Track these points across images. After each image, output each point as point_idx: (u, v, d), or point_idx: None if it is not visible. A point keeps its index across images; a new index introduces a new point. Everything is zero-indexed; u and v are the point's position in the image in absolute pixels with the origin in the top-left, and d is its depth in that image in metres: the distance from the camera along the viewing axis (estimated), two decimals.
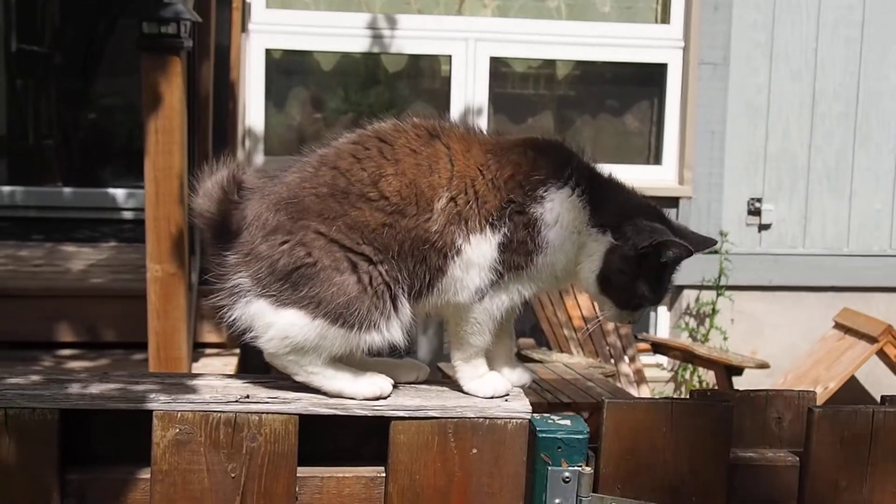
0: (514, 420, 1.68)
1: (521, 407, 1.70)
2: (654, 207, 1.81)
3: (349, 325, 1.65)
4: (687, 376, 6.66)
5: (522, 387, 1.83)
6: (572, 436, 1.72)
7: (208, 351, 4.74)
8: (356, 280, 1.66)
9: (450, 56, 6.57)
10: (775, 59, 6.62)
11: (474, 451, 1.67)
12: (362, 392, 1.68)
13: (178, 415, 1.61)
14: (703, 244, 1.82)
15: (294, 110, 6.75)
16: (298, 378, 1.70)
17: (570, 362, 5.47)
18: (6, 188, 6.28)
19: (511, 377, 1.82)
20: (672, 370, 6.80)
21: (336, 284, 1.65)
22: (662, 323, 6.95)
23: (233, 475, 1.63)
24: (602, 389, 4.78)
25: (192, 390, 1.66)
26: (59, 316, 4.60)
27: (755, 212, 6.68)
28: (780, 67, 6.61)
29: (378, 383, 1.70)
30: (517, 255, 1.72)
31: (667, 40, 6.68)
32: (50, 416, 1.60)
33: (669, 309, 6.88)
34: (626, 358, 6.10)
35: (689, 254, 1.73)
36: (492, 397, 1.74)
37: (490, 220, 1.71)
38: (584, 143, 1.83)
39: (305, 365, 1.69)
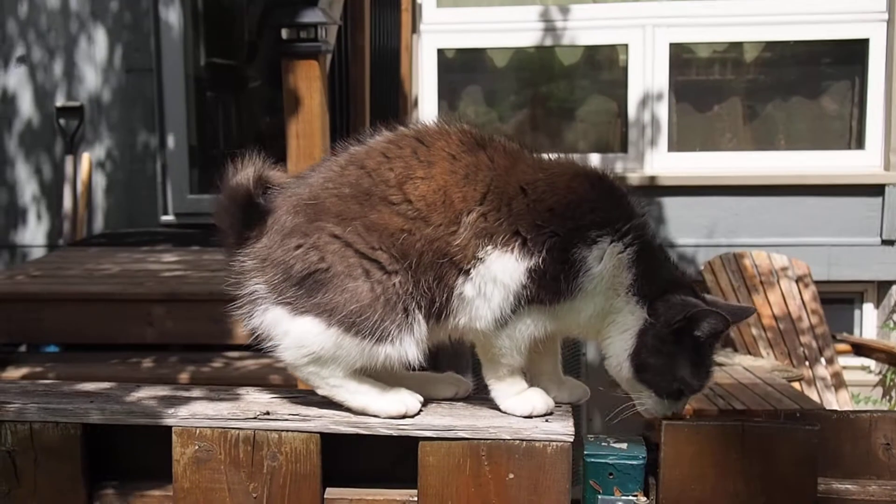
0: (554, 443, 1.51)
1: (562, 428, 1.53)
2: (690, 283, 1.65)
3: (363, 335, 1.54)
4: None
5: (575, 403, 1.65)
6: (626, 461, 1.54)
7: None
8: (369, 288, 1.54)
9: (626, 45, 6.32)
10: None
11: (511, 476, 1.52)
12: (386, 409, 1.57)
13: (197, 431, 1.55)
14: (740, 314, 1.68)
15: (468, 108, 6.68)
16: (321, 392, 1.61)
17: (751, 365, 5.12)
18: (195, 196, 6.55)
19: (560, 394, 1.65)
20: (880, 374, 6.26)
21: (349, 291, 1.54)
22: (868, 321, 6.43)
23: (254, 495, 1.55)
24: (782, 395, 4.43)
25: (215, 405, 1.59)
26: (228, 319, 4.71)
27: None
28: None
29: (404, 400, 1.57)
30: (544, 291, 1.56)
31: (868, 13, 6.16)
32: (73, 430, 1.57)
33: (876, 306, 6.34)
34: (823, 360, 5.66)
35: (727, 324, 1.56)
36: (530, 416, 1.58)
37: (523, 240, 1.56)
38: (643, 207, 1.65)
39: (327, 377, 1.58)
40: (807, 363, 5.61)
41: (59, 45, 6.31)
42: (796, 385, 5.08)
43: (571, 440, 1.52)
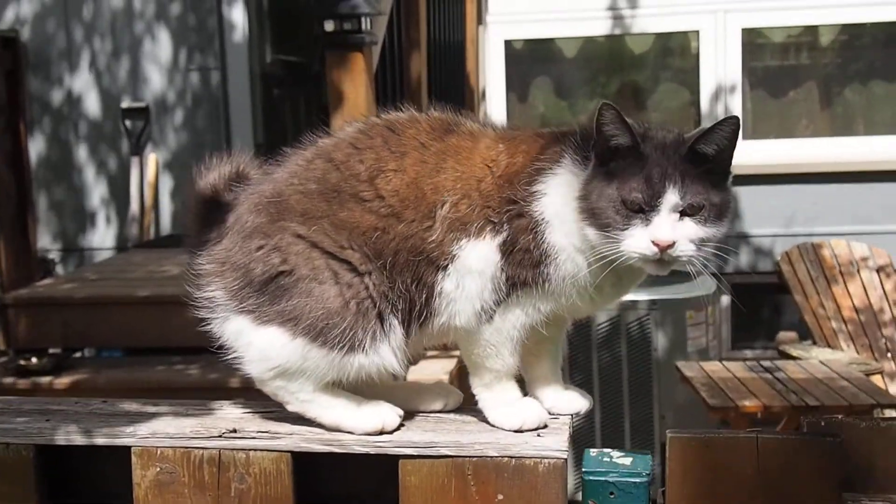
0: (546, 460, 1.37)
1: (554, 444, 1.39)
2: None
3: (331, 345, 1.41)
4: None
5: (576, 414, 1.50)
6: (627, 479, 1.39)
7: (430, 353, 4.61)
8: (337, 292, 1.41)
9: (697, 31, 6.10)
10: None
11: (500, 497, 1.38)
12: (361, 426, 1.43)
13: (158, 451, 1.43)
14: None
15: (537, 100, 6.53)
16: (291, 408, 1.48)
17: (828, 359, 4.87)
18: None
19: (557, 404, 1.50)
20: None
21: (315, 297, 1.41)
22: None
23: None
24: (859, 390, 4.19)
25: (179, 421, 1.48)
26: None
27: None
28: None
29: (381, 414, 1.44)
30: (522, 268, 1.41)
31: None
32: (25, 452, 1.46)
33: None
34: None
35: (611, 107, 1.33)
36: (520, 430, 1.43)
37: (491, 222, 1.42)
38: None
39: (296, 392, 1.46)
40: (889, 356, 5.34)
41: (123, 46, 6.34)
42: (876, 379, 4.82)
43: (565, 457, 1.37)
